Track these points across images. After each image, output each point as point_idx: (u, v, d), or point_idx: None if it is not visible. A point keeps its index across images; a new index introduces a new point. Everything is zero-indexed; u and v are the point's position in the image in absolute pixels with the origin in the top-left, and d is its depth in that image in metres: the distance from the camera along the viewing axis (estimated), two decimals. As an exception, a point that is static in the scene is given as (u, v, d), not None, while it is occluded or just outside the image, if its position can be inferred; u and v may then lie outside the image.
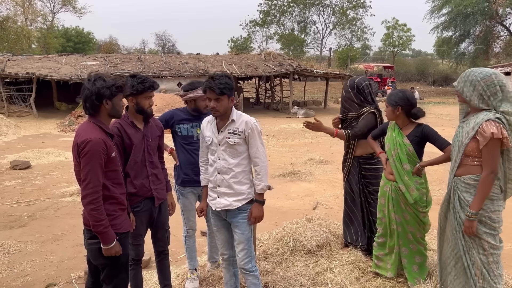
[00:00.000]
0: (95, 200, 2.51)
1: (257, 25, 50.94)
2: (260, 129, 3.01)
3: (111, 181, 2.65)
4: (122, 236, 2.70)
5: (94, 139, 2.52)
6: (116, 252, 2.61)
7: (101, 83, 2.59)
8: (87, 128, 2.61)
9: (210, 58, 22.93)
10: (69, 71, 19.35)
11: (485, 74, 2.80)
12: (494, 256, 2.88)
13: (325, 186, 7.61)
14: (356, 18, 48.13)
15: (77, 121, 16.28)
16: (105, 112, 2.66)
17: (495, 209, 2.83)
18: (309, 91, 29.82)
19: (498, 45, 36.35)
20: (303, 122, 3.84)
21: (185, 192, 3.77)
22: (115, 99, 2.66)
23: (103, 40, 55.19)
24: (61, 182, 8.05)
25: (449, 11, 34.02)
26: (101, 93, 2.58)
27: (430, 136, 3.34)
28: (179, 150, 3.77)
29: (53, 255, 4.68)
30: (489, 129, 2.69)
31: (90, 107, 2.63)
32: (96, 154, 2.51)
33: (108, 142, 2.60)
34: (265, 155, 3.00)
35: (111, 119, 2.76)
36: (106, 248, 2.58)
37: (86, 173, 2.51)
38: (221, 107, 2.90)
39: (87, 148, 2.50)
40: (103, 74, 2.71)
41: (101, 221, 2.52)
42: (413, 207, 3.37)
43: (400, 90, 3.50)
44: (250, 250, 3.07)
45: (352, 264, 3.75)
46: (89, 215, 2.52)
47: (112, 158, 2.63)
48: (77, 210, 6.29)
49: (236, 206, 3.00)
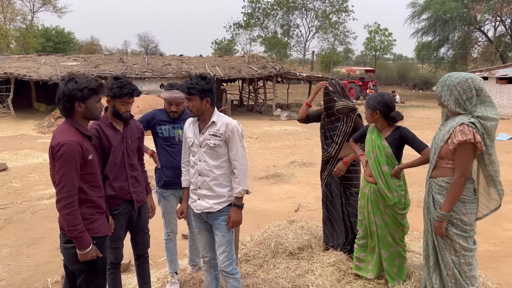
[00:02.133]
0: (69, 204, 2.43)
1: (241, 28, 50.96)
2: (241, 132, 2.98)
3: (88, 184, 2.58)
4: (100, 240, 2.64)
5: (69, 142, 2.44)
6: (92, 257, 2.54)
7: (73, 85, 2.49)
8: (63, 130, 2.53)
9: (193, 60, 22.84)
10: (48, 71, 18.99)
11: (461, 78, 2.85)
12: (466, 258, 2.92)
13: (307, 188, 7.64)
14: (339, 22, 48.61)
15: (56, 122, 15.99)
16: (79, 114, 2.57)
17: (467, 211, 2.88)
18: (292, 94, 29.96)
19: (476, 51, 37.22)
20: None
21: (166, 195, 3.72)
22: (89, 102, 2.55)
23: (84, 41, 54.41)
24: (38, 185, 7.87)
25: (428, 17, 34.68)
26: (72, 95, 2.48)
27: (408, 139, 3.38)
28: (160, 152, 3.72)
29: (29, 260, 4.56)
30: (460, 134, 2.74)
31: (62, 109, 2.56)
32: (71, 157, 2.44)
33: (84, 145, 2.53)
34: (245, 158, 2.98)
35: (88, 121, 2.68)
36: (81, 253, 2.50)
37: (60, 176, 2.44)
38: (192, 107, 2.91)
39: (62, 151, 2.42)
40: (78, 75, 2.61)
41: (76, 226, 2.45)
42: (391, 209, 3.41)
43: (378, 94, 3.53)
44: (231, 252, 3.05)
45: (333, 266, 3.77)
46: (64, 219, 2.45)
47: (89, 161, 2.56)
48: (55, 213, 6.07)
49: (216, 209, 2.98)
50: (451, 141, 2.80)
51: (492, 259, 4.41)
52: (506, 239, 4.95)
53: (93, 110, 2.60)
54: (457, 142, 2.75)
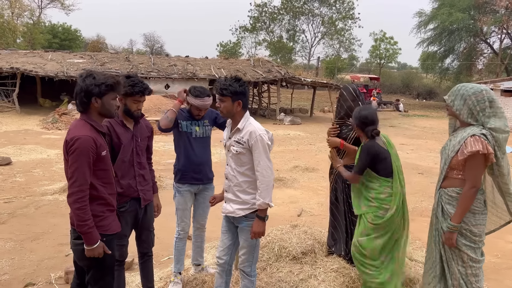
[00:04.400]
0: (80, 199, 2.46)
1: (247, 31, 51.07)
2: (267, 142, 2.87)
3: (101, 180, 2.60)
4: (110, 238, 2.66)
5: (83, 137, 2.48)
6: (99, 253, 2.55)
7: (91, 81, 2.55)
8: (78, 125, 2.57)
9: (199, 61, 22.89)
10: (55, 67, 19.06)
11: (476, 89, 2.86)
12: (473, 269, 2.92)
13: (310, 193, 7.64)
14: (345, 29, 48.67)
15: (61, 119, 16.03)
16: (95, 110, 2.62)
17: (477, 222, 2.88)
18: (296, 98, 29.99)
19: (481, 62, 37.21)
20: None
21: (181, 190, 3.76)
22: (105, 98, 2.60)
23: (90, 38, 54.53)
24: (42, 180, 7.90)
25: (435, 27, 34.70)
26: (89, 90, 2.54)
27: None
28: (178, 146, 3.80)
29: (32, 254, 4.58)
30: (471, 145, 2.74)
31: (79, 104, 2.61)
32: (84, 152, 2.47)
33: (98, 140, 2.56)
34: (270, 169, 2.86)
35: (103, 118, 2.71)
36: (88, 249, 2.52)
37: (73, 171, 2.47)
38: (223, 108, 2.92)
39: (76, 145, 2.46)
40: (95, 71, 2.66)
41: (85, 221, 2.47)
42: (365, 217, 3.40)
43: (361, 107, 3.50)
44: (253, 255, 3.07)
45: (336, 271, 3.77)
46: (74, 214, 2.48)
47: (102, 157, 2.58)
48: (59, 209, 6.18)
49: (239, 215, 2.97)
50: (462, 152, 2.80)
51: (495, 271, 4.41)
52: (508, 252, 4.95)
53: (109, 107, 2.64)
54: (468, 153, 2.75)
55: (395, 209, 3.25)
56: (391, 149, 3.37)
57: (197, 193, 3.86)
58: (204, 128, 3.77)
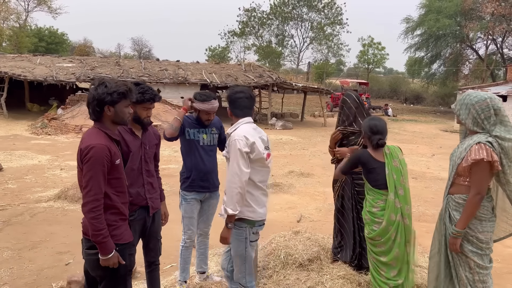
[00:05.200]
0: (95, 208, 2.43)
1: (236, 36, 51.16)
2: (239, 148, 2.82)
3: (114, 189, 2.57)
4: (122, 247, 2.62)
5: (98, 145, 2.45)
6: (114, 263, 2.52)
7: (103, 89, 2.52)
8: (92, 134, 2.54)
9: (190, 66, 22.84)
10: (43, 72, 18.83)
11: (480, 98, 2.89)
12: (481, 275, 2.92)
13: (307, 199, 7.65)
14: (333, 34, 49.10)
15: (50, 124, 15.81)
16: (108, 119, 2.59)
17: (483, 229, 2.89)
18: (286, 103, 30.07)
19: (467, 68, 37.85)
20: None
21: (188, 198, 3.73)
22: (118, 106, 2.57)
23: (77, 42, 54.04)
24: (35, 187, 7.77)
25: (422, 33, 35.22)
26: (102, 98, 2.52)
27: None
28: (185, 154, 3.78)
29: (31, 263, 4.48)
30: (475, 153, 2.77)
31: (92, 113, 2.59)
32: (99, 160, 2.44)
33: (112, 149, 2.54)
34: (237, 176, 2.80)
35: (116, 126, 2.69)
36: (104, 259, 2.48)
37: (87, 180, 2.43)
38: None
39: (90, 154, 2.43)
40: (108, 79, 2.64)
41: (100, 231, 2.44)
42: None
43: (373, 116, 3.52)
44: (244, 266, 3.04)
45: (343, 278, 3.76)
46: (89, 223, 2.44)
47: (116, 166, 2.56)
48: (54, 217, 6.08)
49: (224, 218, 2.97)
50: (467, 159, 2.83)
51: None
52: (508, 256, 5.01)
53: (122, 115, 2.61)
54: (472, 161, 2.78)
55: (385, 223, 3.15)
56: (389, 161, 3.23)
57: (202, 200, 3.83)
58: (212, 135, 3.75)
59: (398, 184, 3.21)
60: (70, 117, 16.04)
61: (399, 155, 3.33)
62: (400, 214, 3.21)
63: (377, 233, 3.21)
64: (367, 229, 3.30)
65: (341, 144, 4.06)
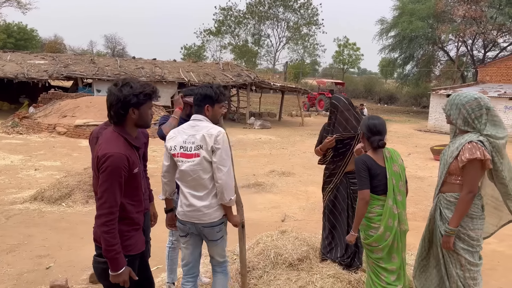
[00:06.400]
0: (109, 222, 2.28)
1: (212, 34, 50.87)
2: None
3: (130, 199, 2.43)
4: (133, 258, 2.49)
5: (116, 154, 2.29)
6: (124, 281, 2.35)
7: (128, 90, 2.34)
8: (111, 140, 2.37)
9: (167, 64, 22.54)
10: (14, 69, 18.19)
11: (469, 98, 2.94)
12: (471, 273, 2.98)
13: (289, 198, 7.66)
14: (309, 34, 49.50)
15: (22, 123, 15.28)
16: (131, 122, 2.42)
17: (474, 227, 2.95)
18: (263, 103, 30.12)
19: (438, 69, 38.83)
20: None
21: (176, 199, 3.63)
22: (142, 108, 2.41)
23: (47, 39, 52.52)
24: (9, 188, 7.48)
25: (396, 34, 35.90)
26: (127, 100, 2.34)
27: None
28: None
29: (10, 267, 4.30)
30: (469, 152, 2.81)
31: (114, 116, 2.39)
32: (116, 171, 2.29)
33: (131, 158, 2.38)
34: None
35: (136, 129, 2.52)
36: (113, 275, 2.34)
37: (103, 191, 2.29)
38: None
39: (107, 163, 2.27)
40: (131, 79, 2.45)
41: (113, 246, 2.29)
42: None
43: (371, 116, 3.39)
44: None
45: (333, 277, 3.77)
46: (102, 238, 2.29)
47: (134, 174, 2.41)
48: (31, 219, 5.86)
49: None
50: (460, 159, 2.87)
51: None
52: (489, 252, 5.14)
53: (146, 117, 2.47)
54: (466, 160, 2.83)
55: (383, 229, 3.10)
56: (390, 166, 3.17)
57: None
58: None
59: (396, 190, 3.16)
60: (42, 115, 15.54)
61: (398, 160, 3.25)
62: (398, 220, 3.16)
63: (374, 239, 3.14)
64: (363, 234, 3.23)
65: (336, 148, 4.05)
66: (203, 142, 2.83)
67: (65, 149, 11.83)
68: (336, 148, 4.02)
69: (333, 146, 4.00)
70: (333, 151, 4.04)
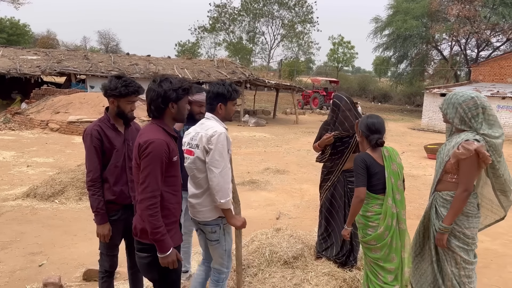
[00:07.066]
0: (153, 205, 2.37)
1: (206, 31, 50.66)
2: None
3: (170, 188, 2.50)
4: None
5: (157, 140, 2.40)
6: (173, 261, 2.45)
7: (168, 85, 2.47)
8: (151, 129, 2.49)
9: (161, 61, 22.43)
10: (6, 64, 18.00)
11: (466, 97, 2.94)
12: (466, 271, 3.00)
13: (284, 196, 7.65)
14: (304, 32, 49.45)
15: (14, 119, 15.14)
16: (169, 116, 2.55)
17: (470, 225, 2.96)
18: (257, 100, 30.10)
19: (432, 68, 39.02)
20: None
21: None
22: (181, 102, 2.54)
23: (40, 34, 52.05)
24: (1, 185, 7.40)
25: (390, 33, 35.98)
26: (167, 95, 2.46)
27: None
28: None
29: (3, 265, 4.26)
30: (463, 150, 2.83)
31: (155, 110, 2.51)
32: (158, 156, 2.39)
33: (171, 145, 2.48)
34: None
35: (174, 123, 2.63)
36: (162, 257, 2.43)
37: (145, 175, 2.37)
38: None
39: (149, 149, 2.38)
40: (169, 75, 2.58)
41: (158, 228, 2.38)
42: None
43: (370, 114, 3.37)
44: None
45: (328, 275, 3.77)
46: (147, 221, 2.37)
47: (174, 162, 2.50)
48: (24, 216, 5.80)
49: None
50: (453, 156, 2.88)
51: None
52: (481, 251, 5.16)
53: (184, 111, 2.59)
54: (463, 157, 2.83)
55: (382, 229, 3.09)
56: (388, 164, 3.15)
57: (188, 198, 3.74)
58: None
59: (395, 189, 3.15)
60: (35, 111, 15.40)
61: (397, 159, 3.24)
62: (396, 219, 3.15)
63: (372, 237, 3.13)
64: (360, 232, 3.23)
65: (335, 146, 4.05)
66: (200, 142, 2.84)
67: (58, 146, 11.73)
68: (335, 146, 4.02)
69: (332, 144, 4.00)
70: (331, 148, 4.04)
